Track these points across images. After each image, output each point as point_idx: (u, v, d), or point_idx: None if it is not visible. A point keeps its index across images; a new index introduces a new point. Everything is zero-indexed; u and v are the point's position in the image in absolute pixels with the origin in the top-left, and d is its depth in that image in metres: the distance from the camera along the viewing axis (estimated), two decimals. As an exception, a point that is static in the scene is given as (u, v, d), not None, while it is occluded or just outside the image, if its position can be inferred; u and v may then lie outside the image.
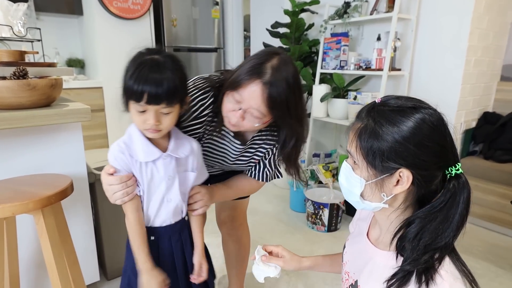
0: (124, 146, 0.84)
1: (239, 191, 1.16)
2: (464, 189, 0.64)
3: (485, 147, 2.41)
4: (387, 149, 0.63)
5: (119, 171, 0.84)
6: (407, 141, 0.62)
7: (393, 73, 2.27)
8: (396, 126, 0.63)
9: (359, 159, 0.68)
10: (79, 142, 1.36)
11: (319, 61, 2.66)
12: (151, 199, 0.89)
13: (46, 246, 1.09)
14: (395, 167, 0.64)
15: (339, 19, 2.49)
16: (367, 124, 0.66)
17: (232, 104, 0.88)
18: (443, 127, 0.64)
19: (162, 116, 0.80)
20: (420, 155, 0.62)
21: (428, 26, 2.24)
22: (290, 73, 0.86)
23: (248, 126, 0.91)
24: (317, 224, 2.23)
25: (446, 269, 0.62)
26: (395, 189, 0.66)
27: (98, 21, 2.99)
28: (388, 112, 0.65)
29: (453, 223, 0.63)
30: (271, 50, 0.90)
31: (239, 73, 0.87)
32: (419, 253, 0.63)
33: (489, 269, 1.84)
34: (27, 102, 1.10)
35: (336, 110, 2.53)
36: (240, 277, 1.52)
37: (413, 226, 0.66)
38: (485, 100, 2.50)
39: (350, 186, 0.71)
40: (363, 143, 0.66)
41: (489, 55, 2.36)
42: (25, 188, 1.08)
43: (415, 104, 0.65)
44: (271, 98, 0.84)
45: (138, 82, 0.75)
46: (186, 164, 0.92)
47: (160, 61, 0.77)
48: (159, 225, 0.92)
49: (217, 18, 3.88)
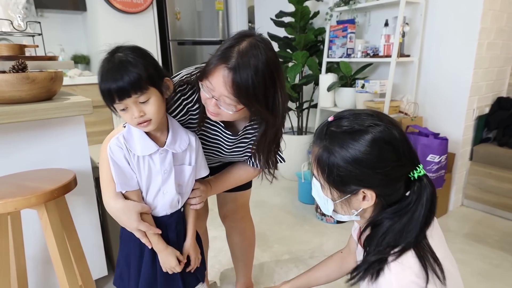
0: (123, 140, 0.85)
1: (236, 180, 1.14)
2: (425, 191, 0.67)
3: (499, 133, 2.33)
4: (344, 173, 0.67)
5: (117, 165, 0.84)
6: (361, 165, 0.65)
7: (402, 59, 2.20)
8: (348, 152, 0.66)
9: (323, 182, 0.72)
10: (82, 136, 1.34)
11: (325, 49, 2.61)
12: (148, 191, 0.90)
13: (50, 241, 1.08)
14: (356, 188, 0.68)
15: (345, 6, 2.43)
16: (323, 149, 0.69)
17: (207, 93, 0.84)
18: (395, 140, 0.66)
19: (143, 106, 0.80)
20: (377, 175, 0.66)
21: (438, 9, 2.16)
22: (260, 58, 0.79)
23: (225, 114, 0.86)
24: (326, 216, 2.20)
25: (400, 261, 0.64)
26: (363, 204, 0.70)
27: (101, 16, 2.98)
28: (340, 135, 0.68)
29: (417, 224, 0.66)
30: (243, 33, 0.83)
31: (210, 59, 0.82)
32: (381, 248, 0.66)
33: (505, 258, 1.78)
34: (27, 96, 1.08)
35: (343, 100, 2.48)
36: (247, 270, 1.51)
37: (381, 226, 0.69)
38: (498, 85, 2.41)
39: (322, 202, 0.76)
40: (322, 168, 0.70)
41: (503, 37, 2.27)
42: (28, 183, 1.07)
43: (366, 123, 0.66)
44: (235, 85, 0.78)
45: (103, 85, 0.78)
46: (183, 158, 0.93)
47: (115, 57, 0.78)
48: (156, 215, 0.93)
49: (221, 10, 3.83)
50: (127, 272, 0.94)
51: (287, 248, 1.92)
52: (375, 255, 0.66)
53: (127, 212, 0.84)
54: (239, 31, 0.85)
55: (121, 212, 0.84)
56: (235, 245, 1.44)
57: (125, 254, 0.94)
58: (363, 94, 2.28)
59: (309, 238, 2.04)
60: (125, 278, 0.95)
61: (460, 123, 2.19)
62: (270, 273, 1.72)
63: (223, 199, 1.35)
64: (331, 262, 1.06)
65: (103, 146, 0.92)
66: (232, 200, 1.34)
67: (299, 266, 1.76)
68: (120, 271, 0.97)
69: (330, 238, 2.02)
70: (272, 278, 1.68)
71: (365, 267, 0.67)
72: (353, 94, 2.40)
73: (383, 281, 0.63)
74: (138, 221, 0.85)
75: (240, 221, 1.39)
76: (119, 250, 0.99)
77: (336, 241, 1.99)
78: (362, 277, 0.67)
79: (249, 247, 1.46)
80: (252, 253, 1.49)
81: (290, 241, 2.00)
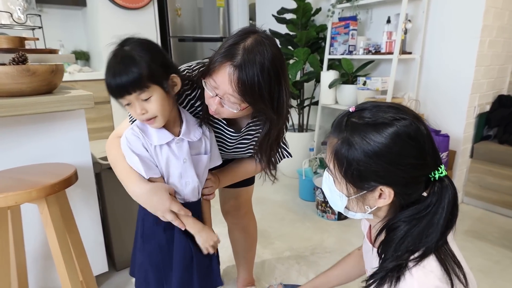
0: (138, 130, 0.85)
1: (243, 173, 1.14)
2: (447, 192, 0.63)
3: (500, 131, 2.33)
4: (363, 168, 0.62)
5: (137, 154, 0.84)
6: (382, 160, 0.61)
7: (404, 56, 2.19)
8: (370, 145, 0.61)
9: (338, 176, 0.67)
10: (83, 131, 1.33)
11: (326, 46, 2.59)
12: (168, 179, 0.89)
13: (51, 236, 1.07)
14: (374, 185, 0.63)
15: (347, 3, 2.41)
16: (342, 140, 0.64)
17: (210, 91, 0.82)
18: (420, 136, 0.62)
19: (145, 103, 0.79)
20: (398, 172, 0.62)
21: (440, 6, 2.15)
22: (266, 56, 0.76)
23: (228, 113, 0.84)
24: (327, 213, 2.19)
25: (422, 265, 0.60)
26: (378, 202, 0.65)
27: (101, 12, 2.96)
28: (362, 127, 0.63)
29: (438, 228, 0.62)
30: (247, 29, 0.81)
31: (214, 57, 0.80)
32: (399, 254, 0.62)
33: (505, 255, 1.78)
34: (27, 89, 1.07)
35: (345, 97, 2.47)
36: (249, 266, 1.50)
37: (397, 230, 0.65)
38: (499, 83, 2.41)
39: (334, 198, 0.71)
40: (340, 161, 0.65)
41: (505, 35, 2.26)
42: (28, 177, 1.06)
43: (391, 116, 0.62)
44: (241, 82, 0.76)
45: (107, 79, 0.77)
46: (199, 147, 0.93)
47: (120, 52, 0.78)
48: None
49: (222, 7, 3.81)
50: (155, 273, 0.91)
51: (288, 245, 1.92)
52: (393, 261, 0.62)
53: (158, 192, 0.82)
54: (243, 28, 0.83)
55: (151, 193, 0.82)
56: (237, 241, 1.44)
57: (149, 253, 0.91)
58: (365, 91, 2.27)
59: (310, 235, 2.03)
60: (151, 280, 0.92)
61: (461, 121, 2.19)
62: (271, 269, 1.71)
63: (225, 195, 1.34)
64: (349, 259, 1.02)
65: (110, 143, 0.92)
66: (235, 196, 1.33)
67: (300, 262, 1.76)
68: (145, 274, 0.93)
69: (331, 235, 2.02)
70: (273, 274, 1.67)
71: (382, 274, 0.62)
72: (354, 91, 2.39)
73: (404, 287, 0.59)
74: (171, 199, 0.84)
75: (243, 217, 1.38)
76: (137, 254, 0.96)
77: (337, 238, 1.98)
78: (380, 284, 0.63)
79: (251, 244, 1.45)
80: (254, 250, 1.48)
81: (291, 238, 2.00)
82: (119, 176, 0.88)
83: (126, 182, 0.85)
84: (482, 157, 2.26)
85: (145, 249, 0.92)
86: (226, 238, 1.50)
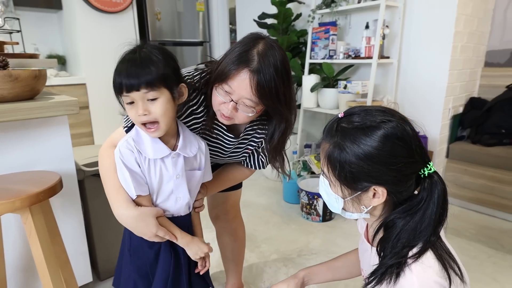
0: (133, 143, 0.82)
1: (231, 180, 1.15)
2: (437, 188, 0.66)
3: (473, 131, 2.45)
4: (355, 170, 0.66)
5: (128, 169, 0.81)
6: (373, 161, 0.64)
7: (382, 61, 2.27)
8: (360, 148, 0.64)
9: (333, 179, 0.70)
10: (66, 137, 1.29)
11: (307, 51, 2.65)
12: (158, 195, 0.87)
13: (35, 247, 1.04)
14: (367, 185, 0.67)
15: (327, 9, 2.47)
16: (334, 145, 0.68)
17: (223, 97, 0.84)
18: (407, 136, 0.65)
19: (149, 104, 0.77)
20: (389, 172, 0.65)
21: (415, 13, 2.24)
22: (278, 58, 0.81)
23: (242, 117, 0.87)
24: (311, 215, 2.23)
25: (421, 261, 0.63)
26: (373, 201, 0.68)
27: (79, 15, 2.89)
28: (351, 131, 0.66)
29: (430, 222, 0.65)
30: (255, 35, 0.85)
31: (226, 63, 0.82)
32: (397, 250, 0.65)
33: (481, 250, 1.87)
34: (9, 95, 1.03)
35: (326, 100, 2.52)
36: (238, 271, 1.50)
37: (393, 227, 0.68)
38: (471, 86, 2.54)
39: (330, 200, 0.74)
40: (333, 165, 0.68)
41: (474, 41, 2.39)
42: (11, 186, 1.02)
43: (379, 119, 0.66)
44: (260, 86, 0.79)
45: (117, 74, 0.76)
46: (193, 162, 0.92)
47: (138, 51, 0.77)
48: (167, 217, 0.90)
49: (202, 11, 3.81)
50: (144, 283, 0.90)
51: (275, 248, 1.93)
52: (392, 258, 0.64)
53: (145, 219, 0.81)
54: (248, 35, 0.86)
55: (138, 219, 0.81)
56: (226, 245, 1.43)
57: (137, 267, 0.90)
58: (346, 95, 2.33)
59: (296, 237, 2.05)
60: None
61: (437, 122, 2.28)
62: (259, 273, 1.71)
63: (214, 200, 1.34)
64: (351, 254, 1.02)
65: (104, 152, 0.89)
66: (223, 200, 1.33)
67: (287, 265, 1.77)
68: (134, 285, 0.91)
69: (317, 237, 2.05)
70: (261, 278, 1.68)
71: (382, 271, 0.65)
72: (335, 95, 2.44)
73: (404, 283, 0.62)
74: (157, 226, 0.83)
75: (232, 221, 1.38)
76: (123, 267, 0.94)
77: (322, 239, 2.02)
78: (380, 281, 0.65)
79: (240, 248, 1.45)
80: (243, 254, 1.48)
81: (277, 240, 2.01)
82: (106, 192, 0.84)
83: (113, 202, 0.83)
84: (457, 156, 2.37)
85: (132, 263, 0.90)
86: (214, 243, 1.49)
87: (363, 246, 0.85)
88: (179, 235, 0.88)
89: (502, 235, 2.02)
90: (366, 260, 0.82)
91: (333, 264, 1.01)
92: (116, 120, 3.20)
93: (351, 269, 1.00)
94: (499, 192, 2.18)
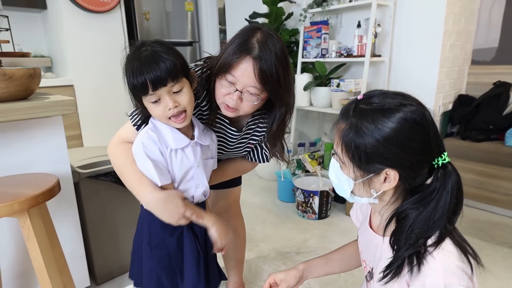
0: (154, 135, 0.82)
1: (233, 172, 1.16)
2: (451, 178, 0.65)
3: (462, 128, 2.51)
4: (371, 151, 0.65)
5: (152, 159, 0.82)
6: (390, 143, 0.63)
7: (374, 59, 2.30)
8: (378, 128, 0.63)
9: (346, 160, 0.69)
10: (61, 138, 1.26)
11: (300, 50, 2.65)
12: (180, 184, 0.89)
13: (34, 251, 1.00)
14: (381, 167, 0.66)
15: (318, 8, 2.49)
16: (350, 125, 0.67)
17: (226, 88, 0.86)
18: (426, 122, 0.65)
19: (176, 96, 0.79)
20: (404, 155, 0.64)
21: (406, 12, 2.28)
22: (277, 45, 0.84)
23: (248, 106, 0.88)
24: (307, 213, 2.23)
25: (441, 248, 0.63)
26: (383, 186, 0.68)
27: (65, 15, 2.82)
28: (370, 112, 0.65)
29: (444, 212, 0.64)
30: (252, 26, 0.88)
31: (227, 55, 0.84)
32: (412, 241, 0.64)
33: (473, 242, 1.84)
34: (3, 94, 1.00)
35: (319, 99, 2.53)
36: (239, 269, 1.49)
37: (406, 218, 0.67)
38: (459, 83, 2.60)
39: (340, 183, 0.73)
40: (347, 145, 0.67)
41: (461, 39, 2.45)
42: (7, 189, 0.99)
43: (398, 102, 0.65)
44: (263, 72, 0.82)
45: (137, 75, 0.76)
46: (207, 151, 0.95)
47: (148, 49, 0.78)
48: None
49: (191, 11, 3.77)
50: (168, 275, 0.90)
51: (273, 246, 1.93)
52: (408, 250, 0.64)
53: (173, 199, 0.83)
54: (245, 27, 0.89)
55: (167, 201, 0.82)
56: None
57: (158, 259, 0.89)
58: (339, 93, 2.35)
59: (293, 235, 2.06)
60: (165, 283, 0.91)
61: (428, 119, 2.32)
62: (259, 272, 1.71)
63: (214, 197, 1.33)
64: (348, 246, 1.01)
65: (115, 148, 0.90)
66: (224, 197, 1.32)
67: (286, 263, 1.77)
68: (157, 279, 0.91)
69: (314, 235, 2.05)
70: (261, 276, 1.67)
71: (398, 263, 0.64)
72: (328, 93, 2.46)
73: (427, 270, 0.61)
74: (184, 205, 0.84)
75: (233, 218, 1.38)
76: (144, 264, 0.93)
77: (319, 237, 2.02)
78: (397, 273, 0.65)
79: (241, 245, 1.45)
80: (243, 251, 1.48)
81: (274, 239, 2.01)
82: (128, 184, 0.85)
83: (138, 190, 0.84)
84: (448, 152, 2.41)
85: (154, 256, 0.89)
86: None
87: (366, 236, 0.84)
88: (205, 214, 0.89)
89: (492, 227, 2.07)
90: (370, 250, 0.81)
91: (331, 257, 0.99)
92: (106, 121, 3.14)
93: (349, 261, 0.99)
94: (488, 186, 2.24)
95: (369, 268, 0.82)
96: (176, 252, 0.89)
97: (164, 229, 0.87)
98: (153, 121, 0.86)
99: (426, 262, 0.62)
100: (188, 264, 0.89)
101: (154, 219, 0.86)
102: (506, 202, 2.17)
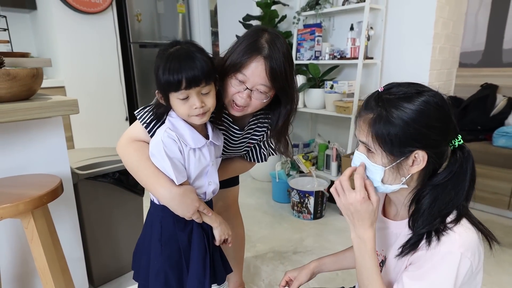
0: (175, 134, 0.84)
1: (232, 171, 1.19)
2: (469, 157, 0.71)
3: (451, 129, 2.58)
4: (401, 134, 0.68)
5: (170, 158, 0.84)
6: (418, 124, 0.68)
7: (367, 61, 2.35)
8: (405, 112, 0.68)
9: (376, 147, 0.72)
10: (61, 139, 1.25)
11: (293, 52, 2.69)
12: (194, 182, 0.91)
13: (38, 252, 1.00)
14: (411, 149, 0.69)
15: (311, 11, 2.53)
16: (378, 113, 0.70)
17: (236, 87, 0.89)
18: (446, 105, 0.70)
19: (204, 97, 0.83)
20: (431, 135, 0.68)
21: (397, 15, 2.34)
22: (284, 45, 0.89)
23: (257, 104, 0.92)
24: (303, 213, 2.26)
25: (461, 223, 0.68)
26: (412, 169, 0.71)
27: (56, 16, 2.78)
28: (395, 100, 0.70)
29: (463, 189, 0.70)
30: (258, 28, 0.92)
31: (236, 55, 0.88)
32: (431, 220, 0.69)
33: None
34: (6, 94, 0.99)
35: (312, 100, 2.57)
36: (239, 269, 1.50)
37: (426, 198, 0.71)
38: (447, 85, 2.67)
39: (370, 174, 0.76)
40: (378, 132, 0.70)
41: (450, 42, 2.52)
42: (11, 190, 0.98)
43: (418, 89, 0.70)
44: (273, 70, 0.86)
45: (174, 72, 0.77)
46: (218, 150, 0.99)
47: (184, 48, 0.81)
48: None
49: (183, 13, 3.77)
50: (175, 274, 0.91)
51: (270, 247, 1.94)
52: (426, 227, 0.68)
53: (189, 194, 0.86)
54: (252, 28, 0.94)
55: (184, 195, 0.85)
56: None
57: (168, 256, 0.91)
58: (332, 95, 2.39)
59: (289, 235, 2.08)
60: (172, 282, 0.91)
61: (419, 120, 2.38)
62: (258, 272, 1.72)
63: (214, 197, 1.34)
64: None
65: (126, 147, 0.90)
66: (223, 197, 1.33)
67: (284, 263, 1.79)
68: (165, 278, 0.91)
69: (310, 234, 2.08)
70: (260, 276, 1.68)
71: (415, 239, 0.69)
72: (322, 95, 2.50)
73: (446, 240, 0.66)
74: (199, 200, 0.88)
75: (233, 218, 1.40)
76: (151, 262, 0.93)
77: (315, 236, 2.05)
78: (413, 247, 0.69)
79: (241, 245, 1.46)
80: (243, 251, 1.49)
81: (271, 239, 2.03)
82: (145, 180, 0.86)
83: (155, 185, 0.85)
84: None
85: (164, 253, 0.90)
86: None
87: (378, 225, 0.86)
88: (213, 213, 0.93)
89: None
90: (382, 239, 0.84)
91: (342, 254, 1.05)
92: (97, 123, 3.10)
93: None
94: (476, 185, 2.28)
95: (382, 257, 0.84)
96: (186, 248, 0.90)
97: (176, 224, 0.89)
98: (171, 120, 0.87)
99: (446, 234, 0.67)
100: (195, 258, 0.90)
101: (166, 215, 0.88)
102: (494, 200, 2.24)
